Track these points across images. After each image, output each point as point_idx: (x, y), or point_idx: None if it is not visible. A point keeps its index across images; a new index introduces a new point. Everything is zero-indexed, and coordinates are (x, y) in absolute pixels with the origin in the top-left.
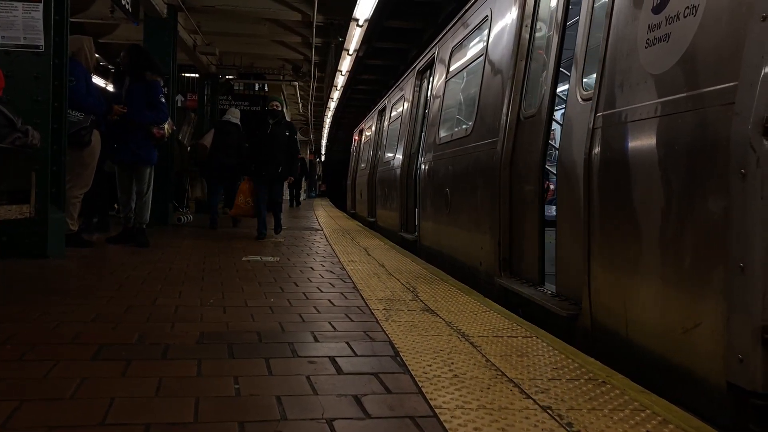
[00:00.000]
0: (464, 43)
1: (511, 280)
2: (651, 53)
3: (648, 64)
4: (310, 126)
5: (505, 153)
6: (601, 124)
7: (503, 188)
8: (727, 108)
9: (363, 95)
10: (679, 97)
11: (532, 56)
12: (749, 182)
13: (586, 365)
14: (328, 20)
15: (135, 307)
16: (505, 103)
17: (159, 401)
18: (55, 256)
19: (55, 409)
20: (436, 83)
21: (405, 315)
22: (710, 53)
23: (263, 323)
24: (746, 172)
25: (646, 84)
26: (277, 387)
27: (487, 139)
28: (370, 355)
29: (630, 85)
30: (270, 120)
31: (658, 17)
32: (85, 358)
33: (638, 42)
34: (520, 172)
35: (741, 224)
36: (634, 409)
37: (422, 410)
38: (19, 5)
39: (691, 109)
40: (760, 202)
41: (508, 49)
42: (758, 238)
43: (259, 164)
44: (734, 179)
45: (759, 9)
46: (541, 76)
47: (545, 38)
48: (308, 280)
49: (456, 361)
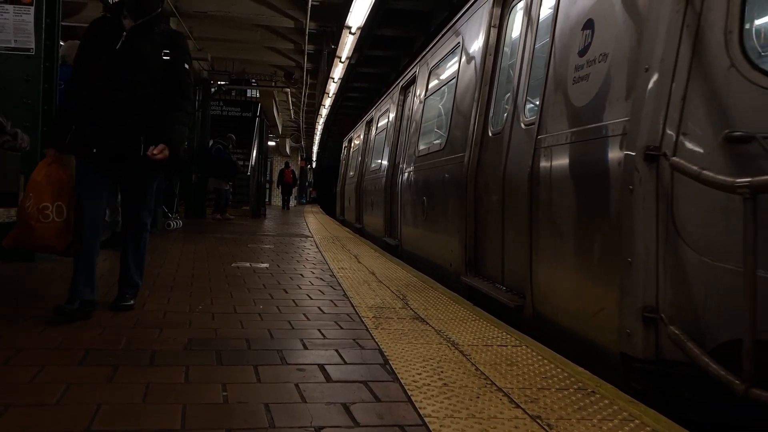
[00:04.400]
0: (440, 64)
1: (475, 278)
2: (576, 89)
3: (573, 98)
4: (302, 133)
5: (471, 166)
6: (540, 146)
7: (469, 197)
8: (622, 138)
9: (354, 103)
10: (591, 126)
11: (495, 82)
12: (635, 196)
13: (575, 375)
14: (321, 27)
15: (122, 313)
16: (471, 122)
17: (146, 407)
18: (42, 260)
19: (40, 414)
20: (417, 99)
21: (395, 323)
22: (613, 93)
23: (252, 330)
24: (633, 188)
25: (571, 114)
26: (265, 394)
27: (457, 154)
28: (359, 363)
29: (561, 114)
30: (127, 16)
31: (581, 60)
32: (72, 363)
33: (568, 79)
34: (484, 183)
35: (629, 228)
36: (623, 419)
37: (411, 419)
38: (10, 8)
39: (598, 137)
40: (642, 212)
41: (475, 74)
42: (640, 239)
43: (85, 119)
44: (624, 194)
45: (643, 62)
46: (503, 99)
47: (508, 66)
48: (298, 287)
49: (445, 370)
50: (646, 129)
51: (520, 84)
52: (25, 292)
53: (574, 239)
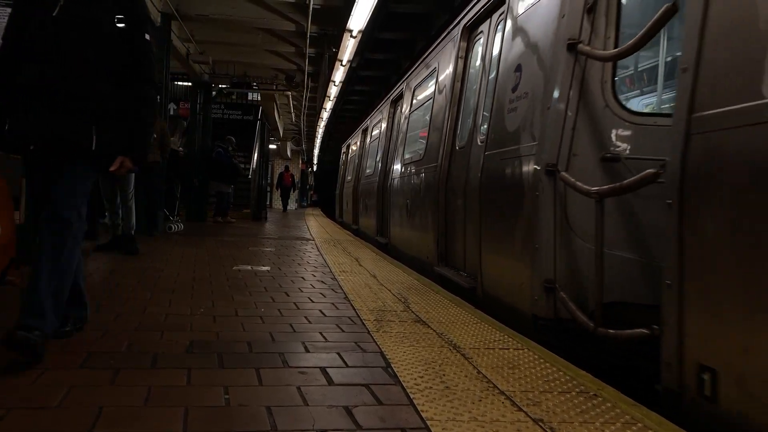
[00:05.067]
0: (422, 84)
1: (444, 268)
2: (509, 117)
3: (507, 125)
4: (303, 136)
5: (442, 174)
6: (486, 160)
7: (441, 201)
8: (535, 156)
9: (355, 106)
10: (516, 147)
11: (462, 104)
12: (539, 200)
13: (577, 378)
14: (322, 30)
15: (124, 315)
16: (443, 137)
17: (148, 411)
18: None
19: (42, 417)
20: (403, 113)
21: (396, 326)
22: (530, 123)
23: (254, 333)
24: (539, 194)
25: (506, 137)
26: (267, 397)
27: (432, 163)
28: (361, 366)
29: (501, 136)
30: None
31: (513, 95)
32: (74, 366)
33: (505, 109)
34: (452, 189)
35: (536, 224)
36: (625, 422)
37: (413, 422)
38: None
39: (521, 155)
40: (544, 212)
41: (446, 97)
42: (544, 231)
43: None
44: (533, 198)
45: (547, 102)
46: (468, 119)
47: (471, 92)
48: (299, 290)
49: (447, 373)
50: (547, 151)
51: (478, 108)
52: None
53: (504, 232)
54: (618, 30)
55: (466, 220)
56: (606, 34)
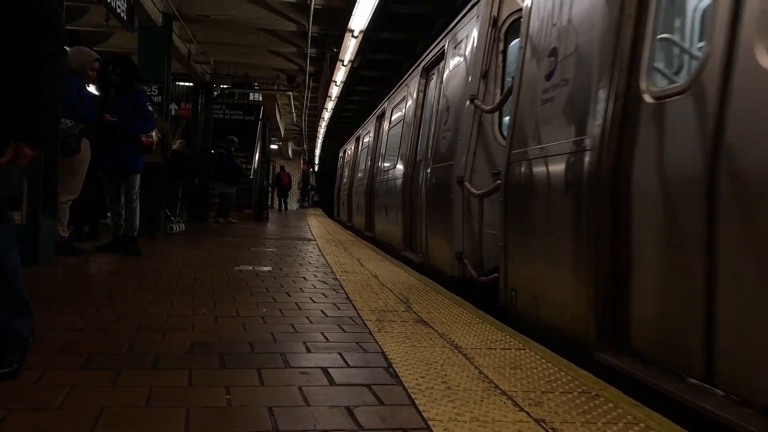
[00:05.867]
0: (398, 105)
1: (407, 251)
2: (441, 142)
3: (440, 146)
4: (304, 136)
5: (406, 180)
6: (430, 171)
7: (406, 201)
8: (452, 171)
9: (357, 105)
10: (444, 164)
11: (420, 127)
12: (454, 200)
13: (579, 378)
14: (323, 31)
15: (125, 316)
16: (408, 152)
17: (149, 411)
18: (45, 264)
19: (43, 418)
20: (384, 128)
21: (398, 326)
22: (451, 148)
23: (255, 333)
24: (453, 196)
25: (439, 154)
26: (268, 398)
27: (400, 172)
28: (362, 367)
29: (438, 153)
30: None
31: (445, 126)
32: (74, 366)
33: (439, 135)
34: (415, 191)
35: (451, 216)
36: (627, 423)
37: (415, 422)
38: None
39: (445, 170)
40: (456, 208)
41: (412, 120)
42: (456, 220)
43: None
44: (450, 199)
45: (460, 135)
46: (425, 139)
47: (426, 118)
48: (301, 290)
49: (449, 373)
50: (458, 167)
51: (429, 132)
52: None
53: (437, 220)
54: (503, 89)
55: (420, 216)
56: (494, 92)
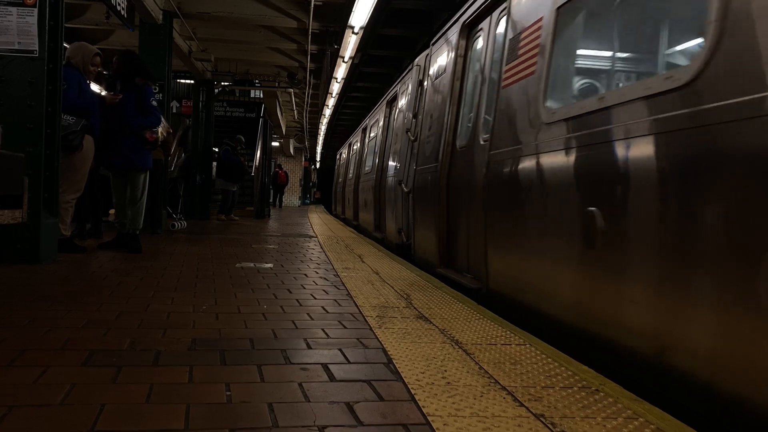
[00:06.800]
0: (377, 119)
1: (377, 232)
2: (393, 155)
3: (395, 158)
4: (305, 133)
5: (377, 181)
6: (386, 177)
7: (377, 196)
8: (396, 176)
9: (358, 102)
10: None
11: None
12: (402, 195)
13: (579, 373)
14: (324, 27)
15: (126, 313)
16: (377, 160)
17: (150, 408)
18: (47, 262)
19: (44, 415)
20: (369, 136)
21: (398, 322)
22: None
23: (256, 330)
24: (396, 193)
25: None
26: (269, 394)
27: (371, 175)
28: (363, 363)
29: (397, 164)
30: None
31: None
32: (76, 363)
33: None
34: (384, 189)
35: (399, 206)
36: (627, 417)
37: (415, 418)
38: (13, 10)
39: (390, 176)
40: (400, 200)
41: (375, 140)
42: (398, 207)
43: None
44: (399, 193)
45: (405, 152)
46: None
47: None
48: (302, 287)
49: (449, 369)
50: (399, 174)
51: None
52: (29, 293)
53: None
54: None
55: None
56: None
